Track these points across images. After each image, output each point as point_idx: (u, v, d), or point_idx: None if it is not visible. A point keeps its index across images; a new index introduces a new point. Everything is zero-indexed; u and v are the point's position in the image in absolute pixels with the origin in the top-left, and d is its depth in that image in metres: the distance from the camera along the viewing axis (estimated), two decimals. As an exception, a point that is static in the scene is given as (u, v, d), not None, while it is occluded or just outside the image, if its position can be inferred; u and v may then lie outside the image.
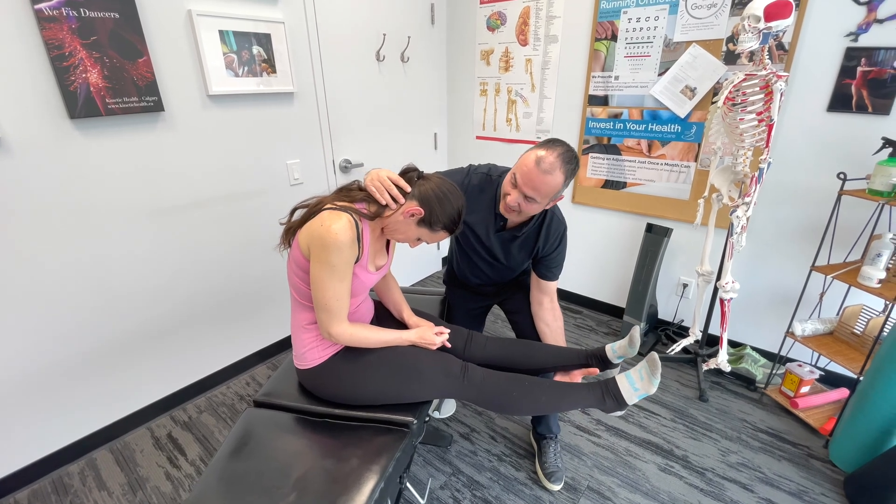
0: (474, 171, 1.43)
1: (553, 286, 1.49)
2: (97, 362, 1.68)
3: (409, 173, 1.15)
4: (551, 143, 1.21)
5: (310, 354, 1.19)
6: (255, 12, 1.80)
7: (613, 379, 1.24)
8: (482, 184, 1.40)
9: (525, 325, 1.57)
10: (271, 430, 1.15)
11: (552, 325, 1.49)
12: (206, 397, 2.03)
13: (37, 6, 1.28)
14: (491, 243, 1.44)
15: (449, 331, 1.34)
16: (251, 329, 2.19)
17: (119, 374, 1.75)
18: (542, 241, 1.41)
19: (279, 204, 2.11)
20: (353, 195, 1.14)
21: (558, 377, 1.38)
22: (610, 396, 1.22)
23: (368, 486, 0.99)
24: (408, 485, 1.49)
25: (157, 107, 1.59)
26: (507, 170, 1.41)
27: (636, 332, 1.26)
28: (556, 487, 1.58)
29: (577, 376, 1.37)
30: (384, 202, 1.10)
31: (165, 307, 1.82)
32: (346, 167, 2.36)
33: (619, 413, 1.24)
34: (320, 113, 2.18)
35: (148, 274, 1.74)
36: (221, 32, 1.71)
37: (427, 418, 1.34)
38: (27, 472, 1.58)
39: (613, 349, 1.33)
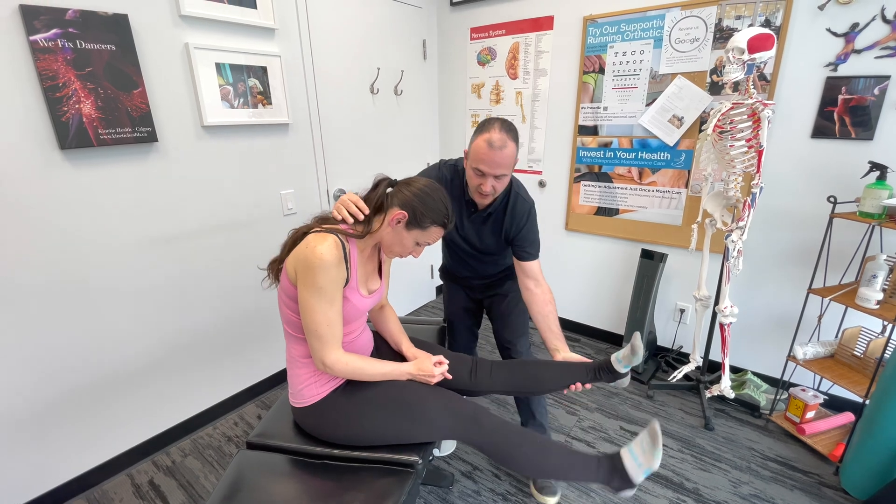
0: (444, 164, 1.49)
1: (534, 267, 1.48)
2: (73, 403, 1.58)
3: (379, 185, 1.15)
4: (487, 125, 1.26)
5: (307, 391, 1.13)
6: (251, 46, 1.82)
7: (619, 454, 1.18)
8: (452, 175, 1.46)
9: (500, 334, 1.66)
10: (266, 475, 1.07)
11: (543, 311, 1.47)
12: (190, 439, 1.92)
13: (32, 37, 1.27)
14: (466, 230, 1.50)
15: (448, 362, 1.28)
16: (239, 365, 2.10)
17: (97, 415, 1.64)
18: (507, 222, 1.44)
19: (272, 234, 2.07)
20: (330, 219, 1.13)
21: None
22: (617, 474, 1.15)
23: (373, 533, 0.92)
24: (410, 529, 1.40)
25: (151, 137, 1.57)
26: None
27: (637, 339, 1.24)
28: (552, 501, 1.57)
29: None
30: (339, 218, 1.09)
31: (148, 342, 1.74)
32: (340, 197, 2.35)
33: (628, 493, 1.16)
34: (315, 144, 2.18)
35: (131, 308, 1.67)
36: (218, 65, 1.71)
37: (430, 457, 1.27)
38: (-7, 529, 1.45)
39: (618, 359, 1.30)
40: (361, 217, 1.09)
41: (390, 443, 1.15)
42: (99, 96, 1.42)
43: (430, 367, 1.22)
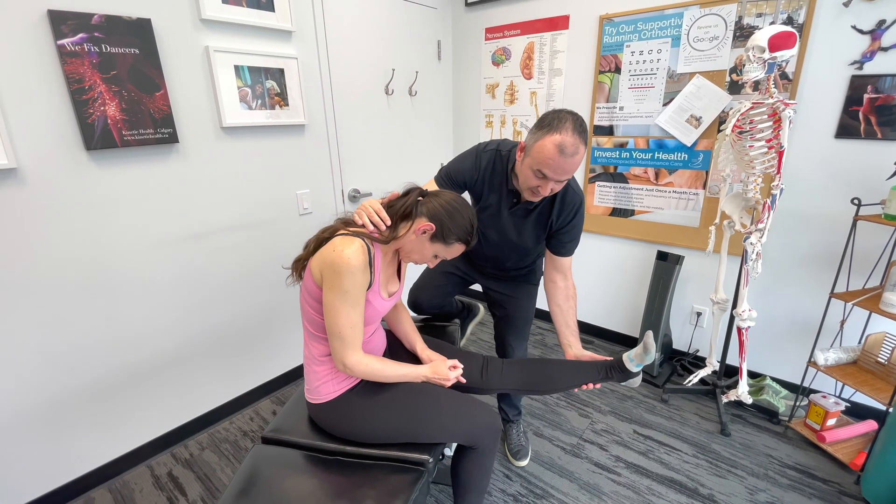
0: (483, 150, 1.38)
1: (567, 262, 1.45)
2: (96, 395, 1.63)
3: (410, 193, 1.14)
4: (559, 121, 1.12)
5: (324, 388, 1.15)
6: (269, 48, 1.85)
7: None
8: (493, 161, 1.36)
9: (505, 336, 1.66)
10: (280, 469, 1.09)
11: (563, 306, 1.45)
12: (207, 433, 1.96)
13: (60, 42, 1.32)
14: (504, 222, 1.40)
15: (463, 366, 1.29)
16: (255, 362, 2.14)
17: (118, 408, 1.70)
18: (556, 214, 1.35)
19: (288, 234, 2.10)
20: (353, 222, 1.13)
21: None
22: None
23: (384, 530, 0.93)
24: (420, 528, 1.41)
25: (172, 138, 1.61)
26: (516, 144, 1.37)
27: (649, 337, 1.23)
28: (523, 463, 1.74)
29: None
30: (360, 222, 1.09)
31: (168, 338, 1.79)
32: (355, 197, 2.37)
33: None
34: (330, 144, 2.21)
35: (152, 305, 1.71)
36: (237, 67, 1.75)
37: (441, 457, 1.28)
38: (21, 515, 1.50)
39: (630, 357, 1.29)
40: (384, 227, 1.09)
41: (402, 441, 1.16)
42: (123, 98, 1.47)
43: (446, 370, 1.23)
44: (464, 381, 1.27)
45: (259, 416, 2.07)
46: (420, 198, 1.12)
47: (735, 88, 1.97)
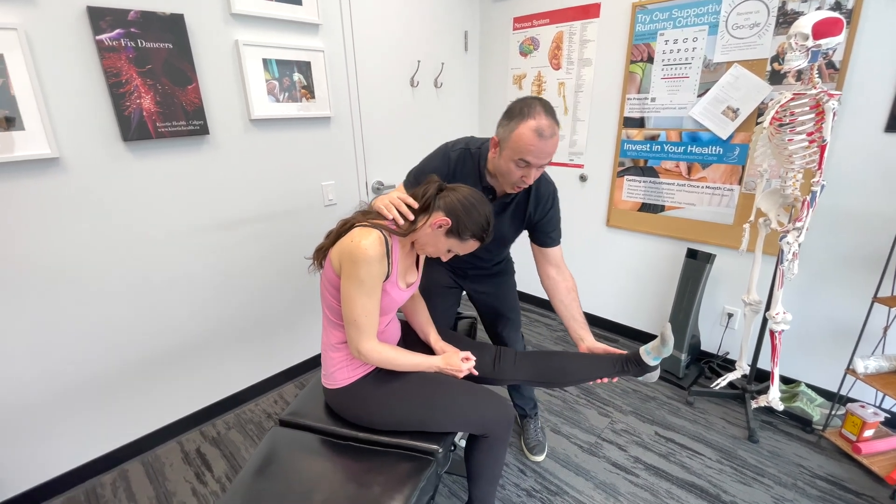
0: (451, 148, 1.38)
1: (558, 253, 1.45)
2: (133, 375, 1.73)
3: (429, 185, 1.14)
4: (529, 107, 1.13)
5: (339, 374, 1.18)
6: (297, 41, 1.88)
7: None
8: (463, 159, 1.35)
9: (498, 331, 1.63)
10: (295, 451, 1.13)
11: (566, 300, 1.43)
12: (234, 413, 2.05)
13: (98, 37, 1.38)
14: None
15: (475, 358, 1.29)
16: (280, 347, 2.21)
17: (153, 387, 1.79)
18: (532, 206, 1.36)
19: (313, 224, 2.15)
20: (372, 213, 1.15)
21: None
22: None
23: (391, 515, 0.95)
24: (432, 516, 1.43)
25: (203, 130, 1.67)
26: (484, 140, 1.36)
27: (667, 329, 1.20)
28: (538, 459, 1.74)
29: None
30: (391, 217, 1.10)
31: (197, 323, 1.87)
32: (379, 189, 2.40)
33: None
34: (355, 136, 2.23)
35: (184, 290, 1.79)
36: (265, 61, 1.79)
37: (453, 447, 1.29)
38: (62, 481, 1.62)
39: (647, 351, 1.27)
40: (412, 218, 1.10)
41: (413, 429, 1.18)
42: (157, 92, 1.53)
43: (458, 362, 1.24)
44: (476, 373, 1.27)
45: (283, 399, 2.15)
46: (439, 191, 1.13)
47: (776, 78, 1.86)
